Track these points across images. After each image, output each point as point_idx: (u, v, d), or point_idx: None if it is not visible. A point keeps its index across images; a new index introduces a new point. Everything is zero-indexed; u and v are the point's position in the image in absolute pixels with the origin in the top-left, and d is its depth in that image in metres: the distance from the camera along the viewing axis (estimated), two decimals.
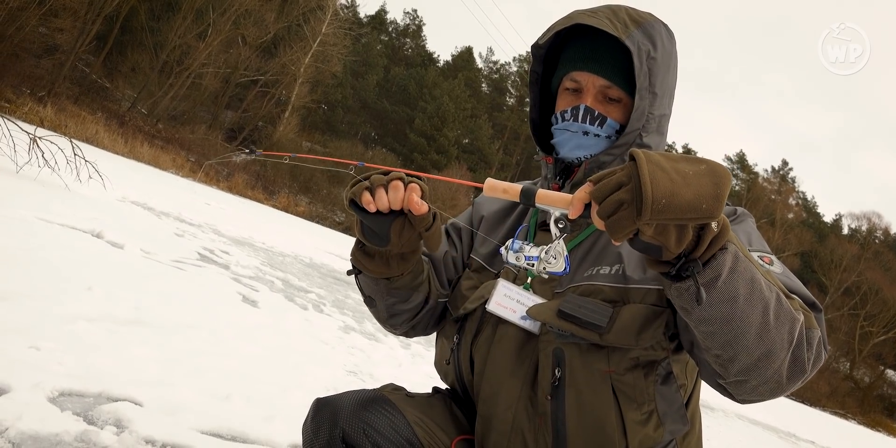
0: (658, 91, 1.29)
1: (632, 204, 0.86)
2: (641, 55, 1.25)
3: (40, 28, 25.17)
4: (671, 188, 0.85)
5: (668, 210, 0.85)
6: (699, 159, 0.90)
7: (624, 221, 0.87)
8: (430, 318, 1.49)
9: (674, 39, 1.34)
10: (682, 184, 0.86)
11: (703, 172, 0.88)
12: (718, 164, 0.89)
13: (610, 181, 0.89)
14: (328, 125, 44.47)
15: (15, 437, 1.90)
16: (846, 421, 35.18)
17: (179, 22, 31.57)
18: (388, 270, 1.30)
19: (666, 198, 0.84)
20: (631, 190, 0.87)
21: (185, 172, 27.62)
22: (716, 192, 0.86)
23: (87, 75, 30.64)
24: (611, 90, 1.31)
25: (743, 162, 53.81)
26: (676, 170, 0.87)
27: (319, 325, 5.44)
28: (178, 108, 33.75)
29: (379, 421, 1.21)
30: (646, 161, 0.87)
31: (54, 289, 3.46)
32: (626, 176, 0.88)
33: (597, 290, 1.23)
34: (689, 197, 0.85)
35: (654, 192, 0.84)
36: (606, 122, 1.31)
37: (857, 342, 43.92)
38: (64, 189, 7.92)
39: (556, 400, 1.22)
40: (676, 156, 0.91)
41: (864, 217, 52.12)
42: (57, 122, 20.82)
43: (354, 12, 47.56)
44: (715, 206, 0.86)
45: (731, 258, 0.94)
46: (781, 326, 0.99)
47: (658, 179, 0.85)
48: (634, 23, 1.28)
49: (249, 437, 2.49)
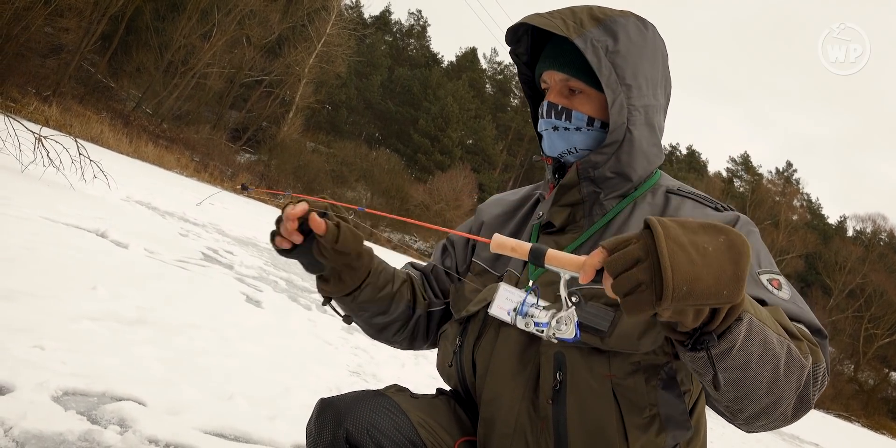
0: (631, 82, 1.28)
1: (650, 286, 0.83)
2: (598, 51, 1.26)
3: (46, 28, 25.24)
4: (692, 272, 0.82)
5: (689, 297, 0.82)
6: (717, 228, 0.87)
7: (642, 305, 0.84)
8: (426, 329, 1.51)
9: (648, 31, 1.33)
10: (703, 265, 0.83)
11: (722, 248, 0.85)
12: (737, 233, 0.87)
13: (626, 255, 0.85)
14: (332, 126, 44.52)
15: (19, 436, 1.90)
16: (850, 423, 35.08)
17: (184, 22, 31.64)
18: (345, 285, 1.33)
19: (687, 284, 0.81)
20: (649, 269, 0.84)
21: (189, 172, 27.69)
22: (736, 272, 0.84)
23: (92, 75, 30.72)
24: (571, 82, 1.32)
25: (747, 163, 53.70)
26: (695, 246, 0.84)
27: (323, 326, 5.44)
28: (182, 108, 33.82)
29: (383, 421, 1.21)
30: (664, 237, 0.84)
31: (59, 288, 3.47)
32: (644, 251, 0.85)
33: (599, 293, 1.22)
34: (710, 282, 0.82)
35: (675, 278, 0.81)
36: (572, 114, 1.32)
37: (862, 344, 43.78)
38: (69, 188, 7.94)
39: (557, 404, 1.21)
40: (693, 224, 0.88)
41: (869, 219, 52.02)
42: (62, 122, 20.89)
43: (359, 13, 47.64)
44: (736, 290, 0.84)
45: (746, 326, 0.92)
46: (790, 376, 0.99)
47: (678, 262, 0.82)
48: (594, 21, 1.29)
49: (252, 437, 2.49)
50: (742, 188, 51.75)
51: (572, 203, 1.34)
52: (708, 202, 1.31)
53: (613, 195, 1.34)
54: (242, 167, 34.19)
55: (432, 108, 45.60)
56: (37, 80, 25.39)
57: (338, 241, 1.21)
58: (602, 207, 1.34)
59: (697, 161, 56.67)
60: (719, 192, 47.46)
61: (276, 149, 36.47)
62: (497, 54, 55.55)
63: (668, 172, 1.48)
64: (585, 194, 1.33)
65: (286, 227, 1.21)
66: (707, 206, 1.29)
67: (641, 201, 1.34)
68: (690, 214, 1.27)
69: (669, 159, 53.34)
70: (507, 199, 1.56)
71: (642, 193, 1.35)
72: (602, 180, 1.32)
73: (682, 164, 54.55)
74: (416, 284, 1.50)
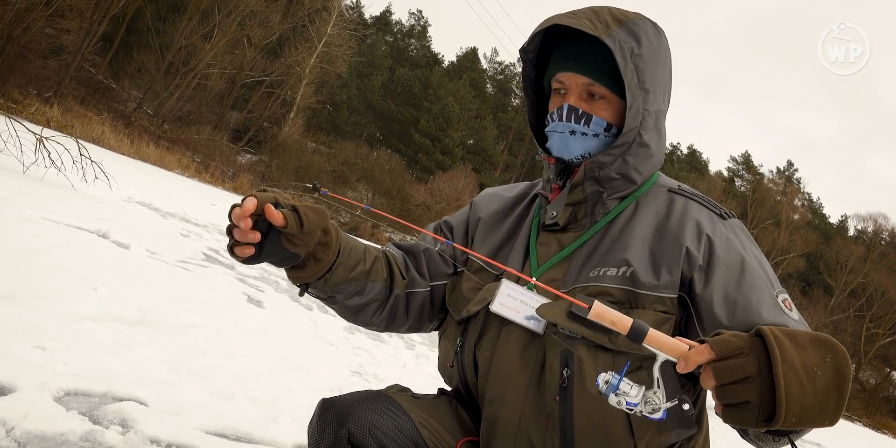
0: (649, 87, 1.29)
1: (758, 407, 0.85)
2: (625, 52, 1.25)
3: (47, 29, 25.23)
4: (802, 403, 0.84)
5: (796, 427, 0.86)
6: (826, 344, 0.89)
7: (747, 422, 0.87)
8: (406, 310, 1.46)
9: (662, 36, 1.34)
10: (812, 394, 0.85)
11: (829, 373, 0.87)
12: (842, 352, 0.89)
13: (738, 368, 0.87)
14: (333, 126, 44.51)
15: (21, 436, 1.90)
16: (852, 423, 35.02)
17: (185, 23, 31.62)
18: (322, 264, 1.26)
19: (796, 416, 0.84)
20: (759, 391, 0.85)
21: (190, 173, 27.67)
22: (839, 402, 0.86)
23: (93, 76, 30.72)
24: (593, 87, 1.31)
25: (748, 163, 53.63)
26: (806, 369, 0.86)
27: (324, 326, 5.45)
28: (183, 109, 33.79)
29: (384, 421, 1.21)
30: (781, 361, 0.85)
31: (60, 289, 3.47)
32: (756, 368, 0.86)
33: (604, 291, 1.22)
34: (817, 411, 0.85)
35: (787, 408, 0.84)
36: (592, 119, 1.31)
37: (863, 344, 43.73)
38: (70, 189, 7.95)
39: (564, 401, 1.21)
40: (802, 338, 0.89)
41: (871, 218, 51.89)
42: (63, 123, 20.87)
43: (359, 13, 47.59)
44: (836, 418, 0.87)
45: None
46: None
47: (792, 393, 0.84)
48: (617, 22, 1.28)
49: (254, 437, 2.49)
50: (743, 188, 51.66)
51: (575, 202, 1.35)
52: (713, 207, 1.32)
53: (616, 195, 1.34)
54: (244, 168, 34.15)
55: (433, 109, 45.57)
56: (38, 82, 25.38)
57: (303, 224, 1.14)
58: (604, 207, 1.34)
59: (698, 161, 56.64)
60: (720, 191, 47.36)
61: (277, 149, 36.42)
62: (497, 54, 55.60)
63: (669, 172, 1.49)
64: (589, 193, 1.34)
65: (241, 230, 1.12)
66: (712, 211, 1.30)
67: (644, 201, 1.34)
68: (697, 217, 1.27)
69: (670, 159, 53.26)
70: (502, 194, 1.55)
71: (644, 193, 1.36)
72: (606, 180, 1.32)
73: (683, 163, 54.50)
74: (393, 262, 1.45)
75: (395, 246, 1.54)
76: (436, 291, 1.47)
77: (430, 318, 1.50)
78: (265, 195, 1.15)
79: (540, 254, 1.35)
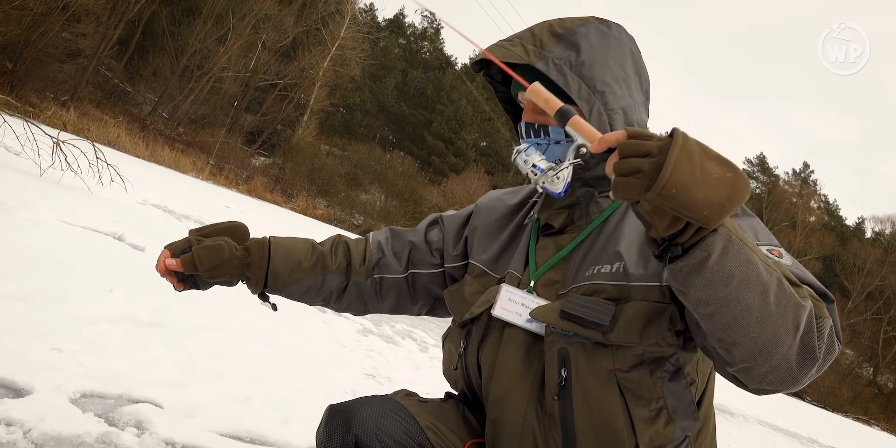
0: (604, 88, 1.29)
1: (646, 177, 0.89)
2: (561, 68, 1.28)
3: (63, 33, 25.49)
4: (687, 182, 0.87)
5: (673, 200, 0.88)
6: (731, 166, 0.91)
7: (631, 188, 0.91)
8: (375, 294, 1.54)
9: (610, 33, 1.34)
10: (699, 182, 0.88)
11: (724, 181, 0.89)
12: (744, 178, 0.91)
13: (641, 145, 0.91)
14: (346, 128, 44.61)
15: (38, 438, 1.92)
16: (869, 427, 34.66)
17: (200, 26, 31.87)
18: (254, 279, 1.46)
19: (677, 188, 0.87)
20: (653, 164, 0.89)
21: (205, 176, 27.86)
22: (724, 204, 0.89)
23: (109, 80, 31.02)
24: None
25: (763, 164, 53.22)
26: (703, 167, 0.89)
27: (337, 328, 5.46)
28: (198, 112, 34.04)
29: (392, 426, 1.22)
30: (680, 146, 0.89)
31: (76, 291, 3.51)
32: (657, 149, 0.90)
33: (599, 289, 1.23)
34: (698, 198, 0.88)
35: (670, 179, 0.87)
36: (549, 129, 1.32)
37: (881, 347, 43.27)
38: (86, 192, 8.03)
39: (563, 400, 1.22)
40: (713, 153, 0.92)
41: (888, 220, 51.36)
42: (79, 126, 21.05)
43: (373, 16, 47.75)
44: (716, 216, 0.89)
45: (723, 240, 0.94)
46: (784, 311, 0.98)
47: (680, 169, 0.87)
48: (555, 37, 1.30)
49: (268, 439, 2.51)
50: (758, 189, 51.24)
51: (569, 205, 1.36)
52: None
53: (607, 193, 1.35)
54: (258, 170, 34.35)
55: (446, 111, 45.59)
56: (55, 85, 25.67)
57: (197, 266, 1.37)
58: (598, 205, 1.35)
59: None
60: None
61: (290, 152, 36.61)
62: None
63: None
64: (580, 195, 1.35)
65: (171, 283, 1.44)
66: None
67: None
68: None
69: None
70: (505, 202, 1.56)
71: None
72: (594, 180, 1.34)
73: None
74: (354, 252, 1.53)
75: (389, 230, 1.61)
76: (417, 279, 1.54)
77: (411, 300, 1.57)
78: (176, 245, 1.43)
79: (539, 257, 1.36)
